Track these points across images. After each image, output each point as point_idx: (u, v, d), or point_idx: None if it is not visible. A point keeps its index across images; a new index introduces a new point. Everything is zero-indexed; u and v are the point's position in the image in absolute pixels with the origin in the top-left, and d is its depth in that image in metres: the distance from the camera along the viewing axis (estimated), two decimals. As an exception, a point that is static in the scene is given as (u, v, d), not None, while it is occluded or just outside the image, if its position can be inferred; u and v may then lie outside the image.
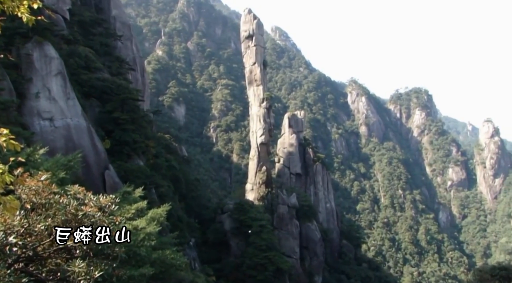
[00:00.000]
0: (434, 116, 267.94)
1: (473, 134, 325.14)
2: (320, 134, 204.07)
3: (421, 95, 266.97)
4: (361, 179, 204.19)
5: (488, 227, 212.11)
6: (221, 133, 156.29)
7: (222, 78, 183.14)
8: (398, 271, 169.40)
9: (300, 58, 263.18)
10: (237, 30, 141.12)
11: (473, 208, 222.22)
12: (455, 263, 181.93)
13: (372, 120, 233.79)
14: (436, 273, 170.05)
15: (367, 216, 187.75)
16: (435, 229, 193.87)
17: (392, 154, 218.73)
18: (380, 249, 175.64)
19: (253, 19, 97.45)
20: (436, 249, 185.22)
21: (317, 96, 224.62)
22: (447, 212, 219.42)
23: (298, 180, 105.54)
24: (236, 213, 67.49)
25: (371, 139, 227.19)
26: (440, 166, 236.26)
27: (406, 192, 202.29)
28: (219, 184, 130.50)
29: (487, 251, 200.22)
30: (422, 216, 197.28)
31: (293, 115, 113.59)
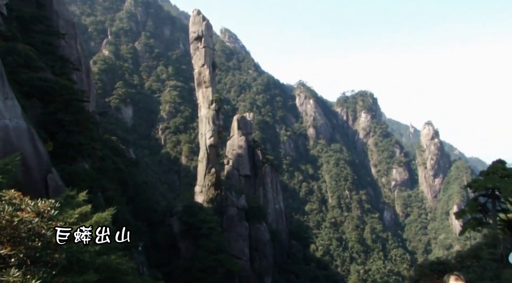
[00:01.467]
0: (379, 119, 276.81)
1: (415, 136, 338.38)
2: (269, 136, 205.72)
3: (366, 98, 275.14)
4: (309, 180, 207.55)
5: (429, 225, 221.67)
6: (170, 135, 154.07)
7: (171, 79, 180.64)
8: (345, 269, 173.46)
9: (249, 61, 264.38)
10: (186, 31, 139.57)
11: (415, 207, 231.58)
12: (398, 260, 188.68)
13: (319, 123, 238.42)
14: (381, 270, 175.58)
15: (315, 217, 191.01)
16: (380, 228, 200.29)
17: (339, 155, 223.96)
18: (328, 248, 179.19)
19: (202, 21, 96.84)
20: (381, 247, 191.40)
21: (266, 98, 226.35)
22: (391, 211, 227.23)
23: (247, 181, 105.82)
24: (185, 215, 66.71)
25: (319, 141, 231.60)
26: (384, 167, 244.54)
27: (352, 193, 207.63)
28: (167, 186, 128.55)
29: (427, 247, 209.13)
30: (368, 216, 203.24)
31: (242, 117, 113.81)
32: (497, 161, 39.25)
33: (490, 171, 38.27)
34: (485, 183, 37.60)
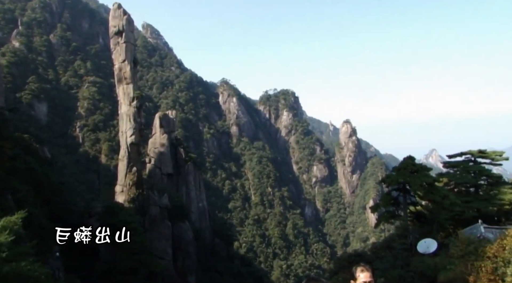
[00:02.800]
0: (300, 117, 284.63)
1: (334, 134, 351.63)
2: (192, 134, 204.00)
3: (288, 97, 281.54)
4: (233, 177, 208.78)
5: (347, 219, 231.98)
6: (88, 133, 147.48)
7: (90, 75, 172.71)
8: (269, 265, 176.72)
9: (172, 57, 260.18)
10: (105, 25, 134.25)
11: (335, 202, 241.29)
12: (319, 254, 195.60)
13: (242, 121, 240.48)
14: (303, 264, 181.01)
15: (238, 214, 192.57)
16: (301, 224, 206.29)
17: (262, 153, 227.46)
18: (252, 245, 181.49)
19: (122, 15, 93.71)
20: (302, 242, 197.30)
21: (189, 96, 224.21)
22: (312, 207, 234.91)
23: (170, 180, 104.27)
24: (105, 216, 64.31)
25: (242, 139, 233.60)
26: (305, 164, 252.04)
27: (275, 190, 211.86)
28: (86, 186, 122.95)
29: (346, 240, 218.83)
30: (290, 212, 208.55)
31: (164, 115, 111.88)
32: (408, 157, 41.96)
33: (401, 166, 40.79)
34: (397, 178, 40.03)
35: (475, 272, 28.61)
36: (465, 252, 31.58)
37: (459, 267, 29.88)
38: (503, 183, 50.68)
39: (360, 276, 5.37)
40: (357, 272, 5.40)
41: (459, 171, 49.55)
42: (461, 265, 29.98)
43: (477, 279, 28.10)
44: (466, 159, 50.41)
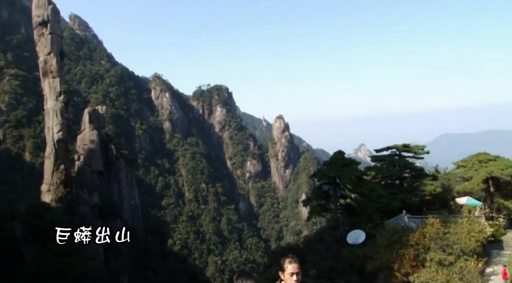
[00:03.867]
0: (233, 113, 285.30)
1: (267, 129, 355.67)
2: (124, 130, 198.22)
3: (222, 92, 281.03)
4: (166, 174, 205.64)
5: (281, 213, 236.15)
6: (10, 129, 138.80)
7: (11, 67, 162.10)
8: (204, 261, 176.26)
9: (102, 51, 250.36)
10: (28, 15, 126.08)
11: (268, 197, 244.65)
12: (254, 248, 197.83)
13: (176, 116, 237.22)
14: (237, 259, 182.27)
15: (172, 211, 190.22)
16: (236, 219, 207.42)
17: (196, 149, 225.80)
18: (186, 242, 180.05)
19: (47, 4, 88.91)
20: (237, 237, 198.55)
21: (120, 91, 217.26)
22: (246, 202, 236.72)
23: (100, 177, 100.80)
24: (30, 217, 61.05)
25: (175, 135, 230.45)
26: (239, 159, 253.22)
27: (209, 186, 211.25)
28: (8, 186, 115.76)
29: (280, 234, 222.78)
30: (224, 207, 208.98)
31: (94, 110, 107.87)
32: (338, 152, 43.51)
33: (332, 161, 42.26)
34: (327, 172, 41.41)
35: (399, 259, 30.32)
36: (391, 241, 33.33)
37: (385, 255, 31.49)
38: (425, 175, 54.02)
39: (288, 267, 5.57)
40: (285, 264, 5.60)
41: (385, 164, 52.15)
42: (387, 253, 31.62)
43: (401, 266, 29.80)
44: (392, 153, 53.16)
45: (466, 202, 42.90)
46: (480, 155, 53.54)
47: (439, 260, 28.45)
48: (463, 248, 30.47)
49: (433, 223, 33.37)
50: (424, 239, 31.88)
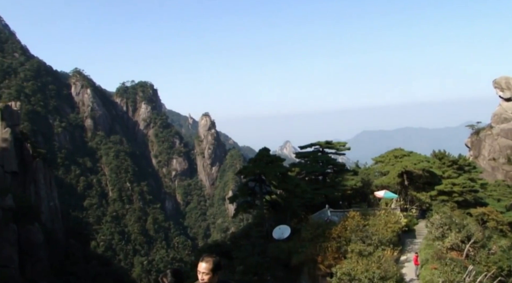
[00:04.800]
0: (159, 110, 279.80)
1: (193, 127, 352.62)
2: (41, 128, 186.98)
3: (146, 89, 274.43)
4: (88, 173, 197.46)
5: (208, 211, 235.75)
6: None
7: None
8: (129, 262, 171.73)
9: (15, 43, 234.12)
10: None
11: (195, 195, 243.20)
12: (181, 247, 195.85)
13: (98, 113, 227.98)
14: (164, 259, 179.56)
15: (95, 212, 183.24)
16: (162, 218, 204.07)
17: (119, 147, 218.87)
18: (110, 243, 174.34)
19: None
20: (163, 236, 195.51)
21: (36, 86, 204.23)
22: (172, 200, 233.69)
23: (15, 179, 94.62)
24: None
25: (98, 132, 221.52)
26: (165, 157, 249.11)
27: (134, 184, 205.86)
28: None
29: (207, 232, 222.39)
30: (150, 207, 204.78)
31: (6, 106, 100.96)
32: (263, 149, 44.14)
33: (257, 158, 42.80)
34: (253, 169, 41.89)
35: (323, 252, 31.45)
36: (315, 235, 34.46)
37: (309, 249, 32.53)
38: (346, 171, 56.35)
39: (199, 265, 5.60)
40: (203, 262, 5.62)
41: (309, 160, 53.70)
42: (311, 247, 32.67)
43: (324, 258, 30.93)
44: (315, 150, 54.86)
45: (383, 195, 45.38)
46: (395, 151, 56.83)
47: (359, 251, 29.85)
48: (380, 239, 32.21)
49: (354, 216, 34.99)
50: (346, 231, 33.30)
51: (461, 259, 29.09)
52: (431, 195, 47.96)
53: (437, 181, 49.50)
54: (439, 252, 30.59)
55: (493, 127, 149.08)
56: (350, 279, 25.55)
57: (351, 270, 26.02)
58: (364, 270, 25.91)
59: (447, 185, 48.08)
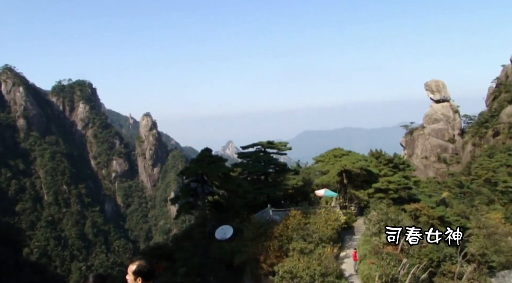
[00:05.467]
0: (98, 110, 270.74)
1: (134, 127, 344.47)
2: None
3: (85, 88, 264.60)
4: (20, 176, 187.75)
5: (149, 213, 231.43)
6: None
7: None
8: (66, 269, 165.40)
9: None
10: None
11: (136, 197, 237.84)
12: (121, 251, 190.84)
13: (32, 113, 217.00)
14: (104, 263, 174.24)
15: (28, 217, 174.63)
16: (101, 221, 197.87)
17: (55, 148, 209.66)
18: (45, 249, 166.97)
19: None
20: (103, 240, 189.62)
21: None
22: (112, 202, 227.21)
23: None
24: None
25: (31, 133, 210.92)
26: (104, 159, 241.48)
27: (71, 187, 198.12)
28: None
29: (149, 234, 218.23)
30: (89, 210, 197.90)
31: None
32: (205, 149, 43.91)
33: (199, 158, 42.53)
34: (195, 170, 41.58)
35: (265, 251, 31.77)
36: (257, 234, 34.75)
37: (251, 248, 32.75)
38: (288, 170, 57.23)
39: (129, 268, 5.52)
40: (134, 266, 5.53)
41: (251, 160, 54.05)
42: (254, 246, 32.92)
43: (267, 257, 31.26)
44: (257, 150, 55.26)
45: (324, 193, 46.52)
46: (335, 150, 58.42)
47: (301, 249, 30.44)
48: (321, 236, 33.01)
49: (295, 215, 35.61)
50: (287, 230, 33.83)
51: (396, 253, 30.41)
52: (369, 193, 49.70)
53: (374, 179, 51.37)
54: (376, 247, 31.82)
55: (425, 127, 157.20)
56: (292, 277, 26.00)
57: (293, 268, 26.48)
58: (305, 267, 26.45)
59: (383, 182, 50.03)
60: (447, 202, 77.87)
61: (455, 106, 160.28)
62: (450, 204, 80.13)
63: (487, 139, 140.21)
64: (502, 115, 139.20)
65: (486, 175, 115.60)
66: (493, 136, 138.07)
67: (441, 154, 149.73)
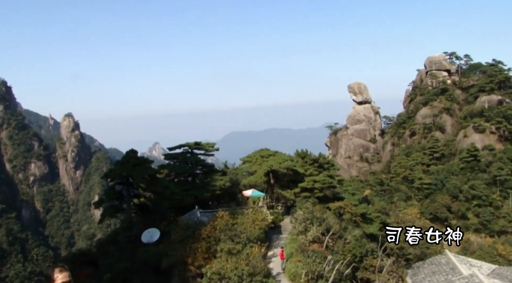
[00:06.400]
0: (14, 110, 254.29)
1: (55, 128, 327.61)
2: None
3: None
4: None
5: (72, 218, 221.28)
6: None
7: None
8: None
9: None
10: None
11: (57, 201, 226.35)
12: (41, 259, 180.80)
13: None
14: (21, 273, 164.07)
15: None
16: (18, 228, 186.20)
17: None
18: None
19: None
20: (19, 249, 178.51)
21: None
22: (30, 208, 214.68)
23: None
24: None
25: None
26: (21, 162, 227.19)
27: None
28: None
29: (71, 240, 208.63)
30: (3, 217, 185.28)
31: None
32: (130, 151, 42.64)
33: (124, 160, 41.24)
34: (120, 172, 40.27)
35: (193, 253, 31.41)
36: (184, 237, 34.29)
37: (179, 251, 32.25)
38: (215, 171, 57.15)
39: (59, 277, 5.12)
40: (55, 273, 5.14)
41: (178, 162, 53.36)
42: (181, 249, 32.44)
43: (195, 259, 30.93)
44: (184, 151, 54.62)
45: (251, 194, 46.92)
46: (262, 151, 59.18)
47: (229, 249, 30.42)
48: (249, 236, 33.22)
49: (223, 216, 35.58)
50: (215, 231, 33.70)
51: (322, 250, 31.32)
52: (295, 192, 50.82)
53: (300, 179, 52.62)
54: (303, 245, 32.59)
55: (348, 128, 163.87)
56: (220, 278, 25.90)
57: (221, 269, 26.40)
58: (233, 268, 26.47)
59: (309, 182, 51.37)
60: (369, 199, 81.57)
61: (376, 108, 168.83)
62: (372, 201, 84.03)
63: (405, 139, 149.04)
64: (417, 116, 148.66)
65: (404, 173, 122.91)
66: (410, 136, 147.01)
67: (363, 153, 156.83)
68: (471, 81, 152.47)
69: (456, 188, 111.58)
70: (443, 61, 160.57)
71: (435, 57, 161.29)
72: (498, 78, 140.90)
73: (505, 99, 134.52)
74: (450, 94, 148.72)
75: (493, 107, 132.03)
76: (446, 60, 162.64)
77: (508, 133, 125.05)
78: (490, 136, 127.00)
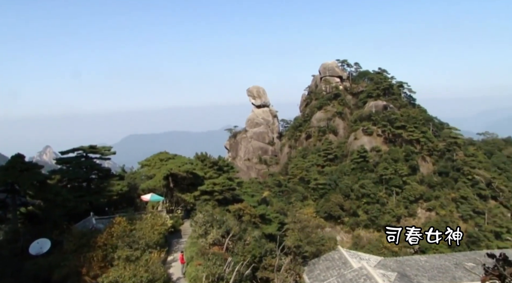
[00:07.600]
0: None
1: None
2: None
3: None
4: None
5: None
6: None
7: None
8: None
9: None
10: None
11: None
12: None
13: None
14: None
15: None
16: None
17: None
18: None
19: None
20: None
21: None
22: None
23: None
24: None
25: None
26: None
27: None
28: None
29: None
30: None
31: None
32: (16, 155, 39.43)
33: (9, 165, 38.02)
34: (4, 178, 37.04)
35: (88, 262, 29.93)
36: (78, 246, 32.56)
37: (73, 261, 30.51)
38: (112, 176, 54.96)
39: None
40: None
41: (72, 166, 50.40)
42: (75, 259, 30.73)
43: (90, 269, 29.48)
44: (78, 155, 51.74)
45: (150, 198, 45.90)
46: (161, 154, 58.19)
47: (127, 256, 29.51)
48: (147, 242, 32.53)
49: (120, 222, 34.46)
50: (112, 238, 32.48)
51: (222, 253, 31.57)
52: (195, 195, 50.61)
53: (200, 182, 52.50)
54: (203, 248, 32.57)
55: (247, 131, 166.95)
56: (117, 287, 25.05)
57: (119, 277, 25.54)
58: (132, 275, 25.75)
59: (208, 185, 51.45)
60: (268, 201, 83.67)
61: (274, 111, 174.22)
62: (271, 202, 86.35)
63: (301, 142, 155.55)
64: (313, 120, 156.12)
65: (300, 174, 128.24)
66: (306, 139, 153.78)
67: (262, 155, 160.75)
68: (360, 87, 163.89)
69: (348, 187, 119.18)
70: (336, 68, 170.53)
71: (329, 64, 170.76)
72: (383, 85, 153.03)
73: (389, 104, 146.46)
74: (342, 99, 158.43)
75: (379, 112, 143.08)
76: (339, 67, 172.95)
77: (392, 136, 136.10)
78: (377, 139, 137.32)
